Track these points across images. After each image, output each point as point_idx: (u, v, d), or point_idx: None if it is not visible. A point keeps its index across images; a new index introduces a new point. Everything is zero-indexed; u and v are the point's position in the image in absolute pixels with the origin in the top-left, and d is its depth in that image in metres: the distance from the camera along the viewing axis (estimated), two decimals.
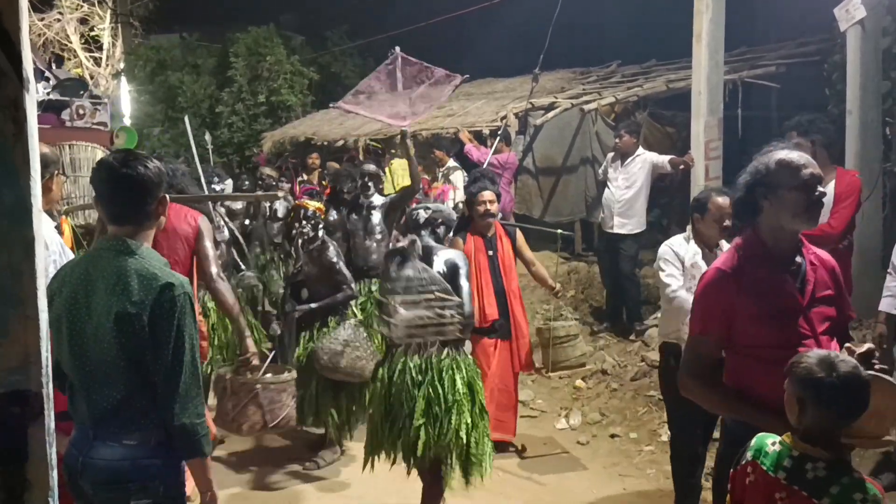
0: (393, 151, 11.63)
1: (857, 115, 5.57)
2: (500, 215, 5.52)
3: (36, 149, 1.12)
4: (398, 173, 11.57)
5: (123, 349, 2.24)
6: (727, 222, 3.92)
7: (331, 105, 5.61)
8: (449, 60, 9.22)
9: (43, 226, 2.74)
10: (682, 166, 6.73)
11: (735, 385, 2.64)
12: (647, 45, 11.52)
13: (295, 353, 5.15)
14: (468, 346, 4.42)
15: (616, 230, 7.20)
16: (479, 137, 9.23)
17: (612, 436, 5.60)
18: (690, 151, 6.49)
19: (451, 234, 4.65)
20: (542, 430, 5.85)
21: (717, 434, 4.97)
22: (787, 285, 2.58)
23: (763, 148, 2.72)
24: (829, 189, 4.65)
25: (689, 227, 4.18)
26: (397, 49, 5.67)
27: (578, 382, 6.37)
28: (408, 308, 3.71)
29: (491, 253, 5.20)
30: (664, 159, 7.02)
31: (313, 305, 5.03)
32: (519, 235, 5.42)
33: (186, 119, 7.51)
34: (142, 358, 2.26)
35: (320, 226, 5.16)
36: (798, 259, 2.63)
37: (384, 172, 7.90)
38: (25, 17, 1.09)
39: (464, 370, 3.77)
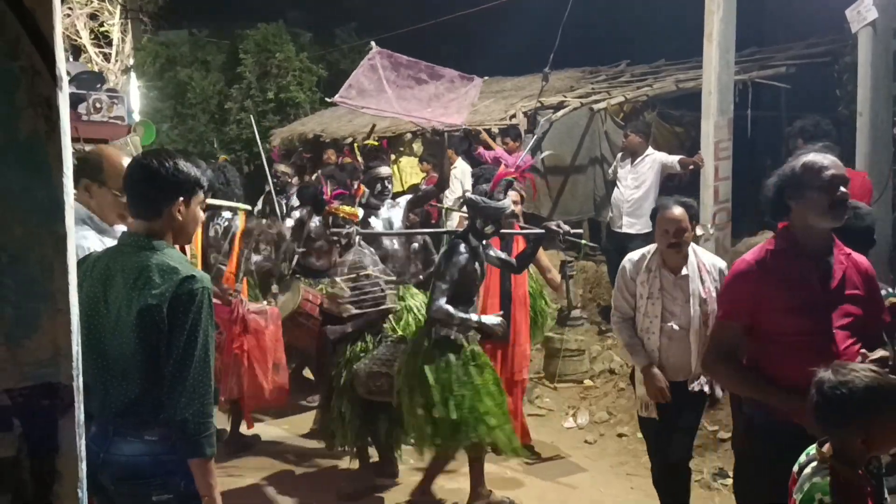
0: (401, 149, 11.65)
1: (868, 116, 5.56)
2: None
3: (68, 146, 1.14)
4: (406, 171, 11.60)
5: (143, 343, 2.26)
6: (674, 239, 3.70)
7: (335, 99, 5.50)
8: (458, 58, 9.23)
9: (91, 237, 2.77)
10: (691, 166, 6.73)
11: (755, 367, 2.86)
12: (656, 44, 11.50)
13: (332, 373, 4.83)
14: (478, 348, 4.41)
15: (625, 230, 7.21)
16: (489, 135, 9.22)
17: (620, 435, 5.61)
18: (700, 152, 6.48)
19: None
20: (550, 429, 5.86)
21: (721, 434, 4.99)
22: (811, 278, 2.75)
23: (773, 149, 2.82)
24: None
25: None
26: (373, 44, 5.60)
27: (586, 381, 6.39)
28: (351, 284, 4.58)
29: (505, 255, 5.12)
30: (674, 159, 7.02)
31: (349, 329, 4.76)
32: None
33: (253, 119, 7.41)
34: (160, 352, 2.26)
35: (355, 236, 4.95)
36: (829, 258, 2.80)
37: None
38: (58, 16, 1.11)
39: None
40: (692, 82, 8.48)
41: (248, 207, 5.34)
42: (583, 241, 5.82)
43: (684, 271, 3.78)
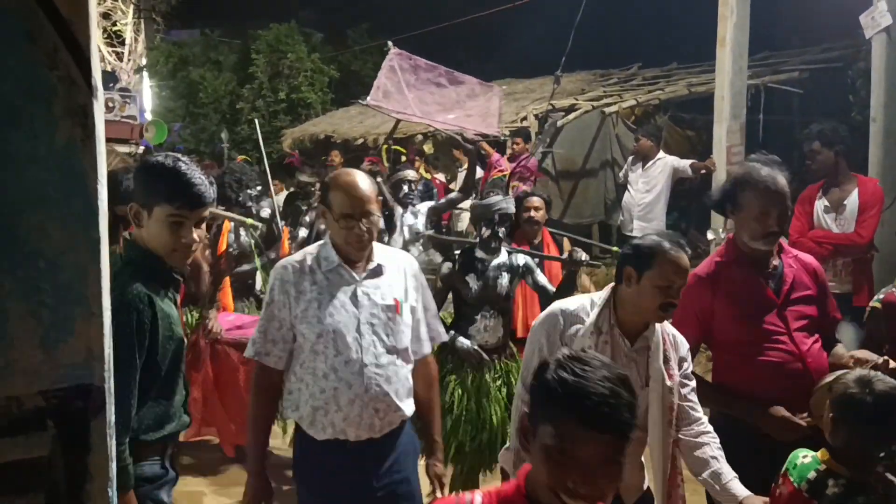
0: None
1: (882, 122, 5.54)
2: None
3: (103, 153, 1.17)
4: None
5: None
6: (674, 299, 2.38)
7: (361, 101, 5.46)
8: (469, 60, 9.25)
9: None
10: (703, 171, 6.72)
11: (721, 380, 2.86)
12: (668, 47, 11.51)
13: None
14: None
15: (635, 233, 7.20)
16: (497, 141, 9.23)
17: None
18: (712, 156, 6.48)
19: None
20: None
21: None
22: (762, 286, 2.76)
23: (784, 154, 2.82)
24: (853, 198, 4.68)
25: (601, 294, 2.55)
26: (390, 44, 5.54)
27: None
28: None
29: (536, 261, 5.04)
30: (685, 164, 7.01)
31: None
32: (566, 244, 5.23)
33: (257, 122, 7.22)
34: None
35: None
36: (775, 262, 2.81)
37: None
38: (94, 26, 1.13)
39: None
40: (704, 86, 8.49)
41: (257, 224, 5.00)
42: (614, 248, 5.48)
43: (643, 341, 2.49)
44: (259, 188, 5.46)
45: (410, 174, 5.61)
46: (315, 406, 2.51)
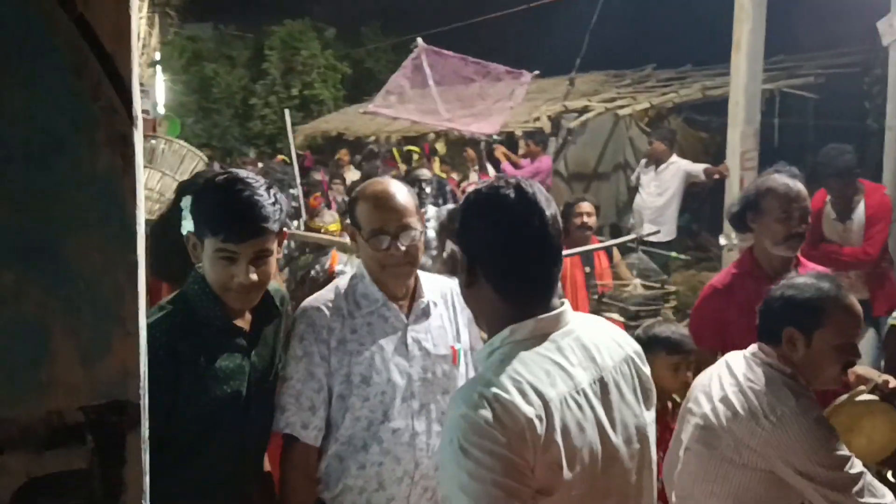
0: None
1: None
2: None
3: (141, 181, 1.21)
4: None
5: None
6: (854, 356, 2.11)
7: (367, 109, 5.41)
8: (482, 59, 9.24)
9: None
10: (716, 175, 6.72)
11: None
12: (682, 48, 11.47)
13: None
14: None
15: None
16: (511, 140, 9.25)
17: None
18: (726, 161, 6.48)
19: None
20: None
21: None
22: None
23: (798, 158, 2.85)
24: (860, 210, 4.66)
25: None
26: (419, 41, 5.40)
27: None
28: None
29: (588, 269, 4.73)
30: (699, 168, 7.01)
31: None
32: (615, 252, 5.02)
33: (287, 113, 6.43)
34: None
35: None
36: (792, 274, 2.78)
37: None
38: (136, 57, 1.17)
39: None
40: (719, 90, 8.48)
41: (346, 241, 3.84)
42: (672, 253, 5.29)
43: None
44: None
45: (424, 173, 5.51)
46: (352, 485, 2.02)
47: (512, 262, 1.46)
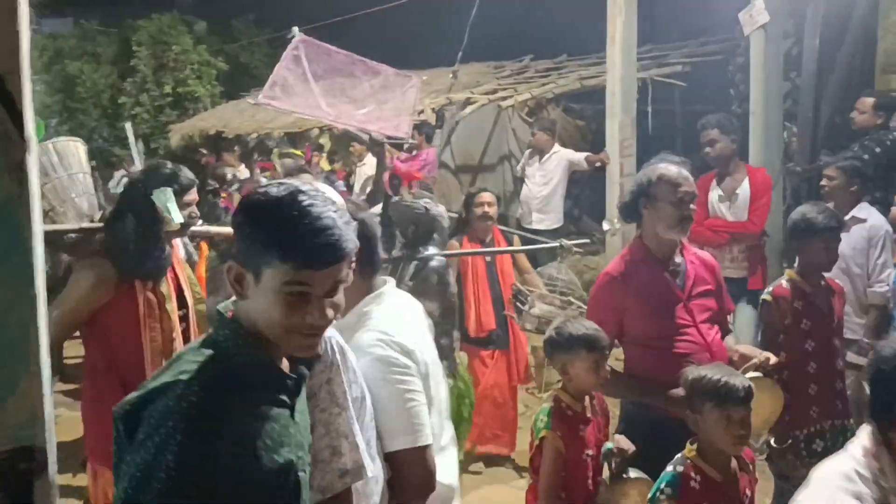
0: (307, 144, 11.47)
1: (761, 116, 5.88)
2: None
3: (38, 208, 1.14)
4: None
5: None
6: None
7: (251, 100, 5.12)
8: (360, 53, 9.16)
9: None
10: (597, 163, 6.96)
11: (631, 371, 3.08)
12: (558, 39, 11.76)
13: None
14: (464, 357, 4.20)
15: (535, 225, 7.41)
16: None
17: None
18: (606, 149, 6.72)
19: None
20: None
21: None
22: (668, 282, 2.98)
23: (668, 143, 3.04)
24: (744, 187, 5.00)
25: None
26: (296, 30, 5.09)
27: None
28: (544, 303, 4.01)
29: (489, 259, 4.80)
30: (580, 157, 7.25)
31: None
32: (516, 241, 5.18)
33: (128, 126, 6.16)
34: None
35: None
36: (678, 259, 3.04)
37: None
38: (27, 78, 1.11)
39: None
40: (595, 80, 8.75)
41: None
42: (560, 241, 5.35)
43: None
44: None
45: (307, 178, 5.46)
46: None
47: None
